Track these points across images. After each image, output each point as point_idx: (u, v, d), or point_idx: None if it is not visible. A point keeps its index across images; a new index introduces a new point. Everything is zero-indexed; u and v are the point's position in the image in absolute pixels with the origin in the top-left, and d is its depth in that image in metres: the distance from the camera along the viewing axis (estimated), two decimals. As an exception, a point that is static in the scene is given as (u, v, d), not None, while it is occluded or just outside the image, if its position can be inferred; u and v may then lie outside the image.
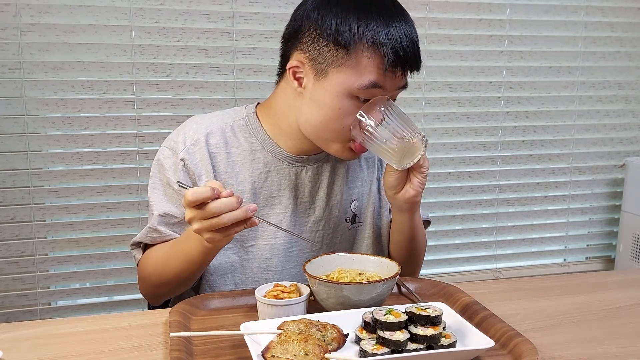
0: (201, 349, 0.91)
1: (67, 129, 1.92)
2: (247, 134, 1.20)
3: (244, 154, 1.19)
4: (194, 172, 1.15)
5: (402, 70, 1.08)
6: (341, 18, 1.06)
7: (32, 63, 1.86)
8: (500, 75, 2.34)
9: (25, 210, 1.92)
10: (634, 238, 2.39)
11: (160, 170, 1.18)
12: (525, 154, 2.43)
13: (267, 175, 1.19)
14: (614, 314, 1.09)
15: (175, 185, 1.15)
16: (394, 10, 1.11)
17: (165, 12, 1.94)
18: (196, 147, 1.16)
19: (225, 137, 1.19)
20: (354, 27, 1.05)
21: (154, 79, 1.97)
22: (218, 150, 1.18)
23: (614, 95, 2.49)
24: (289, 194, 1.21)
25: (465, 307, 1.04)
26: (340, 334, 0.90)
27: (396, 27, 1.08)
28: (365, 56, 1.05)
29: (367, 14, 1.06)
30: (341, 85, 1.07)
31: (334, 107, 1.08)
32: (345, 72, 1.06)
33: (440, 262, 2.42)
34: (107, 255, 2.02)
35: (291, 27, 1.15)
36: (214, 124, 1.19)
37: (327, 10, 1.08)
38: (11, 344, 0.95)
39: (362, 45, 1.05)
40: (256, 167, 1.19)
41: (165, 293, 1.21)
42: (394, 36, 1.06)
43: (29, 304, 1.98)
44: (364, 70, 1.06)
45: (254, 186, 1.18)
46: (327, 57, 1.07)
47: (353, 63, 1.05)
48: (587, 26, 2.39)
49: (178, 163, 1.16)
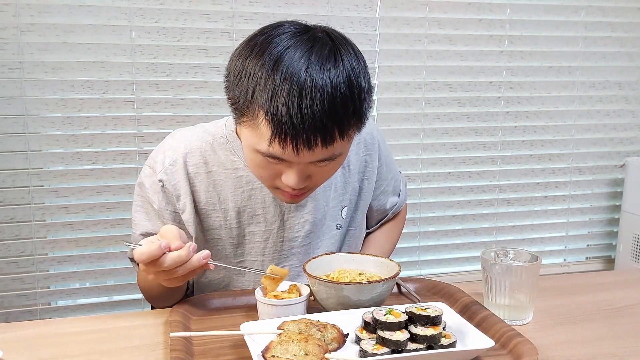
0: (201, 349, 0.91)
1: (67, 128, 1.92)
2: (228, 152, 1.15)
3: (226, 173, 1.15)
4: (172, 193, 1.13)
5: (295, 146, 0.92)
6: (241, 69, 0.94)
7: (32, 63, 1.86)
8: (500, 75, 2.34)
9: (25, 210, 1.92)
10: (634, 238, 2.39)
11: (142, 188, 1.17)
12: (525, 154, 2.43)
13: (250, 194, 1.16)
14: (614, 314, 1.09)
15: (155, 205, 1.14)
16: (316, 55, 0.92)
17: (165, 12, 1.94)
18: (174, 168, 1.13)
19: (204, 156, 1.14)
20: (250, 85, 0.92)
21: (154, 79, 1.97)
22: (197, 170, 1.14)
23: (614, 95, 2.49)
24: (274, 210, 1.17)
25: (465, 307, 1.04)
26: (340, 334, 0.90)
27: (309, 85, 0.89)
28: (258, 121, 0.93)
29: (276, 65, 0.90)
30: (248, 141, 0.99)
31: (248, 157, 1.03)
32: (248, 130, 0.97)
33: (440, 262, 2.42)
34: (106, 255, 2.02)
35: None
36: (193, 143, 1.15)
37: (235, 56, 0.97)
38: (11, 344, 0.95)
39: (256, 109, 0.93)
40: (239, 186, 1.15)
41: (161, 304, 1.19)
42: (284, 100, 0.89)
43: (29, 303, 1.98)
44: (260, 136, 0.94)
45: (236, 205, 1.16)
46: (234, 111, 0.99)
47: (252, 124, 0.95)
48: (587, 26, 2.39)
49: (157, 183, 1.14)
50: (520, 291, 1.03)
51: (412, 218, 2.33)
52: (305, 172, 1.01)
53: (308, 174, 1.01)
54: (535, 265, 1.03)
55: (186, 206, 1.14)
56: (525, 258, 1.07)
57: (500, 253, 1.08)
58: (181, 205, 1.14)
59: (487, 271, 1.05)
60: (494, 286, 1.04)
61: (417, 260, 2.38)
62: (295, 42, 0.93)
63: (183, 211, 1.14)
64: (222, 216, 1.16)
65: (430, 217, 2.36)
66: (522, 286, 1.03)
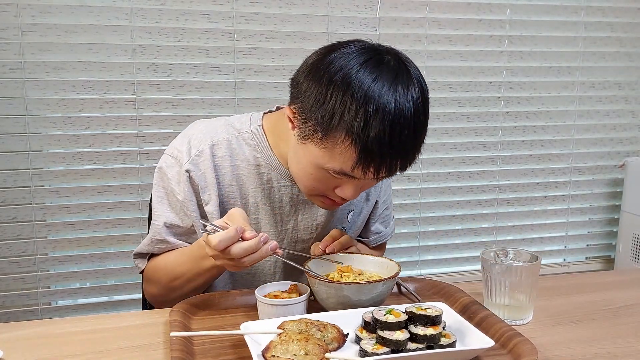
0: (201, 349, 0.91)
1: (68, 129, 1.92)
2: (253, 148, 1.15)
3: (248, 168, 1.15)
4: (197, 184, 1.13)
5: (377, 170, 0.98)
6: (325, 94, 0.96)
7: (33, 63, 1.87)
8: (500, 75, 2.34)
9: (26, 210, 1.93)
10: (634, 238, 2.39)
11: (163, 178, 1.16)
12: (525, 154, 2.43)
13: (270, 192, 1.17)
14: (614, 314, 1.09)
15: (180, 196, 1.13)
16: (400, 85, 0.96)
17: (166, 12, 1.95)
18: (201, 158, 1.13)
19: (231, 148, 1.15)
20: (337, 110, 0.95)
21: (155, 79, 1.97)
22: (223, 162, 1.14)
23: (614, 95, 2.49)
24: (289, 210, 1.19)
25: (465, 307, 1.05)
26: (340, 333, 0.90)
27: (388, 115, 0.94)
28: (338, 145, 0.96)
29: (359, 93, 0.94)
30: (315, 158, 1.01)
31: (307, 170, 1.04)
32: (320, 149, 0.99)
33: (440, 262, 2.42)
34: (107, 255, 2.02)
35: (299, 73, 1.05)
36: (220, 134, 1.15)
37: (317, 79, 0.98)
38: (12, 344, 0.95)
39: (337, 134, 0.96)
40: (260, 183, 1.16)
41: (174, 300, 1.19)
42: (377, 129, 0.94)
43: (30, 303, 1.98)
44: (336, 157, 0.98)
45: (256, 201, 1.16)
46: (309, 130, 1.00)
47: (329, 145, 0.98)
48: (587, 26, 2.39)
49: (182, 174, 1.12)
50: (520, 291, 1.03)
51: (412, 218, 2.33)
52: (363, 186, 1.06)
53: (363, 187, 1.06)
54: (535, 265, 1.04)
55: (211, 197, 1.13)
56: (525, 258, 1.07)
57: (500, 253, 1.09)
58: (206, 197, 1.13)
59: (487, 271, 1.05)
60: (493, 286, 1.04)
61: (417, 260, 2.38)
62: (379, 72, 0.96)
63: (207, 203, 1.14)
64: None
65: (430, 217, 2.36)
66: (522, 286, 1.03)
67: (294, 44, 2.08)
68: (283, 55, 2.07)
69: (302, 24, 2.08)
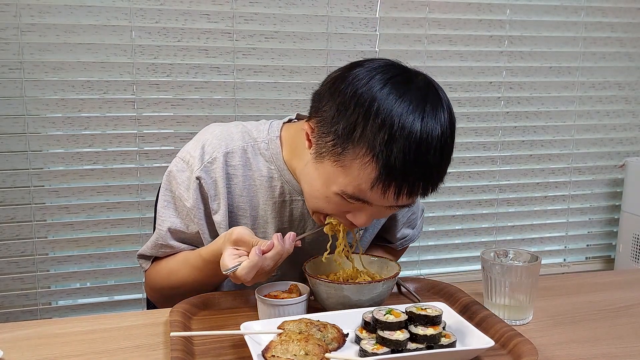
0: (201, 349, 0.91)
1: (68, 129, 1.92)
2: (267, 159, 1.12)
3: (261, 180, 1.12)
4: (207, 192, 1.10)
5: (397, 191, 0.93)
6: (348, 105, 0.92)
7: (33, 63, 1.87)
8: (500, 76, 2.34)
9: (25, 210, 1.92)
10: (634, 238, 2.39)
11: (172, 182, 1.13)
12: (525, 154, 2.43)
13: (281, 205, 1.13)
14: (614, 314, 1.09)
15: (188, 202, 1.10)
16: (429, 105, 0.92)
17: (166, 12, 1.95)
18: (213, 166, 1.09)
19: (245, 158, 1.11)
20: (360, 123, 0.90)
21: (154, 79, 1.97)
22: (236, 172, 1.11)
23: (614, 95, 2.49)
24: (298, 224, 1.16)
25: (465, 307, 1.05)
26: (340, 333, 0.90)
27: (416, 133, 0.89)
28: (358, 159, 0.92)
29: (385, 107, 0.90)
30: (330, 179, 0.97)
31: (320, 191, 1.00)
32: (337, 168, 0.95)
33: (440, 262, 2.42)
34: (107, 255, 2.02)
35: (322, 86, 1.01)
36: (235, 142, 1.12)
37: (340, 91, 0.94)
38: (11, 344, 0.95)
39: (358, 148, 0.91)
40: (271, 196, 1.12)
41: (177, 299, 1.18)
42: (402, 145, 0.89)
43: (29, 303, 1.98)
44: (354, 175, 0.93)
45: (266, 214, 1.13)
46: (327, 146, 0.96)
47: (347, 163, 0.93)
48: (587, 26, 2.39)
49: (193, 180, 1.10)
50: (520, 291, 1.03)
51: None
52: (377, 215, 1.01)
53: (376, 215, 1.02)
54: (535, 265, 1.04)
55: (220, 207, 1.10)
56: (525, 258, 1.07)
57: (500, 253, 1.08)
58: (215, 205, 1.10)
59: (487, 271, 1.05)
60: (493, 286, 1.04)
61: (417, 260, 2.38)
62: (407, 89, 0.92)
63: (216, 212, 1.11)
64: (250, 223, 1.13)
65: (430, 217, 2.36)
66: (522, 286, 1.03)
67: (293, 44, 2.07)
68: (283, 55, 2.07)
69: (302, 24, 2.07)
